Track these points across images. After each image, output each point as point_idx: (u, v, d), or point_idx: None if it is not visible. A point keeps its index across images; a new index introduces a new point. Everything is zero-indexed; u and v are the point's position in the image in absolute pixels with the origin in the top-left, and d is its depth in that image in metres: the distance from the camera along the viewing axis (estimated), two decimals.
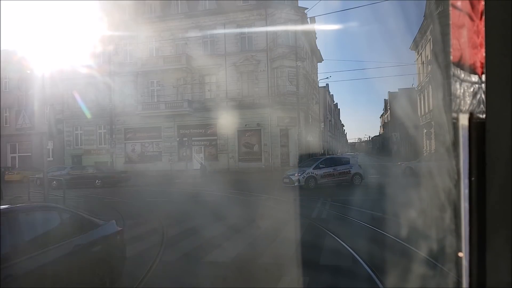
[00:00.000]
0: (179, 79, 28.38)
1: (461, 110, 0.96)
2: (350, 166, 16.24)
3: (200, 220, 9.02)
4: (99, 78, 26.73)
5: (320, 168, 15.61)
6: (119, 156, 28.66)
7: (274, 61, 26.86)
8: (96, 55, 26.99)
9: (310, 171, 15.36)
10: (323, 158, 17.64)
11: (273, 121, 26.93)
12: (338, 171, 15.76)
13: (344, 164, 16.23)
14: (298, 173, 15.46)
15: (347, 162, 16.50)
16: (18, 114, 30.42)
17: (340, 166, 16.00)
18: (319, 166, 15.68)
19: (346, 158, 17.45)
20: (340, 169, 15.86)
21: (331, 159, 17.04)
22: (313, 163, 16.18)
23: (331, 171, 15.66)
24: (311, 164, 16.18)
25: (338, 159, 17.43)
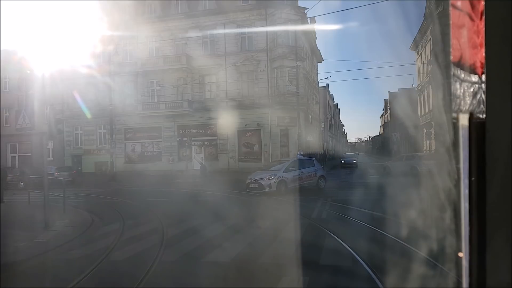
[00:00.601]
0: (179, 79, 28.38)
1: (461, 110, 0.96)
2: (316, 169, 15.29)
3: (200, 220, 9.02)
4: (99, 78, 26.72)
5: (290, 171, 14.19)
6: (119, 156, 28.65)
7: (274, 61, 26.86)
8: (96, 55, 26.96)
9: (281, 175, 13.80)
10: (292, 160, 15.96)
11: (273, 121, 26.93)
12: (305, 174, 14.63)
13: (310, 167, 15.18)
14: (269, 176, 13.76)
15: (313, 165, 15.48)
16: (18, 114, 30.14)
17: (307, 169, 14.90)
18: (289, 169, 14.22)
19: (310, 160, 16.17)
20: (307, 172, 14.78)
21: (299, 162, 15.42)
22: (281, 166, 14.75)
23: (300, 174, 14.38)
24: (279, 167, 14.66)
25: (304, 161, 15.84)
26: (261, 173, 14.59)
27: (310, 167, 15.15)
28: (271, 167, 15.41)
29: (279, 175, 13.80)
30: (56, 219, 8.87)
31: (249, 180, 14.23)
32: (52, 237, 7.46)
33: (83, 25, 20.58)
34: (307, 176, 14.63)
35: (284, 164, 14.72)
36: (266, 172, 14.49)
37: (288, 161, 15.39)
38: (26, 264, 5.85)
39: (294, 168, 14.30)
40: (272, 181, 13.56)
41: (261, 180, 13.76)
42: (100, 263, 5.71)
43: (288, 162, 15.08)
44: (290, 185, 13.79)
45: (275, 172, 14.03)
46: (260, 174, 14.47)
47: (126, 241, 7.24)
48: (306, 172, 14.68)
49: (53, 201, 10.17)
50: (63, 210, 10.17)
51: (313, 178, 14.88)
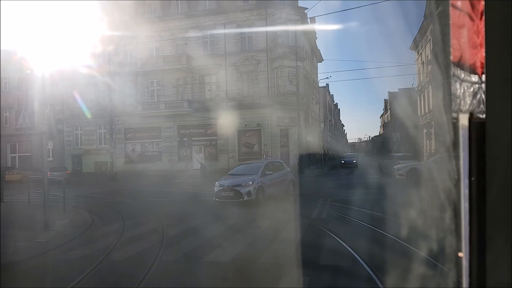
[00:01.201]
0: (179, 79, 28.39)
1: (461, 110, 0.96)
2: (286, 172, 13.63)
3: (200, 220, 9.03)
4: (99, 78, 26.72)
5: (266, 175, 12.09)
6: (119, 156, 28.65)
7: (274, 61, 26.87)
8: (96, 55, 26.96)
9: (259, 180, 11.60)
10: (266, 162, 13.81)
11: (273, 121, 26.94)
12: (279, 178, 12.87)
13: (282, 170, 13.54)
14: (247, 182, 11.41)
15: (283, 167, 13.82)
16: (18, 114, 30.19)
17: (279, 173, 13.14)
18: (265, 173, 12.08)
19: (280, 163, 14.52)
20: (280, 176, 13.01)
21: (272, 164, 13.61)
22: (253, 168, 12.68)
23: (275, 178, 12.58)
24: (253, 169, 12.46)
25: (274, 163, 14.07)
26: (233, 178, 12.02)
27: (281, 170, 13.43)
28: (240, 170, 13.07)
29: (258, 181, 11.55)
30: (56, 219, 8.87)
31: (220, 187, 11.56)
32: (52, 237, 7.47)
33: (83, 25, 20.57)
34: (280, 180, 12.87)
35: (258, 166, 12.57)
36: (239, 177, 11.96)
37: (262, 163, 13.20)
38: (26, 264, 5.85)
39: (270, 172, 12.41)
40: (251, 187, 11.20)
41: (238, 186, 11.31)
42: (100, 263, 5.71)
43: (262, 164, 12.94)
44: (267, 191, 11.83)
45: (252, 177, 11.67)
46: (233, 180, 11.85)
47: (126, 241, 7.24)
48: (279, 176, 12.91)
49: (53, 201, 10.17)
50: (63, 210, 10.17)
51: (284, 183, 13.07)
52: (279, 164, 14.08)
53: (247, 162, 16.66)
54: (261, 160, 19.08)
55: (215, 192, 11.60)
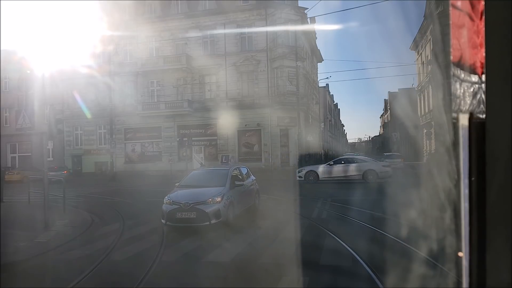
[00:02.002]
0: (179, 79, 28.39)
1: (461, 110, 0.96)
2: (253, 181, 10.56)
3: None
4: (99, 78, 26.74)
5: (235, 186, 8.90)
6: (119, 156, 28.66)
7: (274, 61, 26.87)
8: (96, 55, 26.99)
9: (229, 195, 8.34)
10: (233, 167, 10.16)
11: (273, 121, 26.94)
12: (248, 190, 10.03)
13: (248, 178, 10.48)
14: (213, 198, 7.95)
15: (250, 174, 10.82)
16: (18, 114, 30.24)
17: (248, 182, 10.20)
18: (234, 184, 8.91)
19: (245, 168, 11.12)
20: (249, 187, 10.09)
21: (239, 170, 10.29)
22: (220, 178, 8.92)
23: (245, 191, 9.70)
24: (217, 180, 8.86)
25: (242, 170, 10.63)
26: (191, 191, 8.47)
27: (247, 178, 10.32)
28: (198, 179, 9.39)
29: (228, 196, 8.27)
30: (56, 219, 8.87)
31: (172, 207, 7.92)
32: (52, 237, 7.47)
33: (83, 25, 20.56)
34: (249, 192, 9.90)
35: (224, 174, 9.11)
36: (200, 190, 8.43)
37: (227, 169, 9.56)
38: (26, 264, 5.85)
39: (239, 182, 9.27)
40: (220, 205, 7.91)
41: (202, 204, 7.81)
42: (100, 263, 5.71)
43: (229, 171, 9.33)
44: (237, 209, 8.67)
45: (219, 190, 8.28)
46: (192, 194, 8.28)
47: (126, 241, 7.24)
48: (248, 187, 9.93)
49: (53, 201, 10.17)
50: (63, 210, 10.17)
51: (252, 195, 10.08)
52: (245, 171, 10.77)
53: (206, 167, 12.44)
54: (222, 165, 16.37)
55: (165, 213, 7.91)
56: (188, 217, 7.84)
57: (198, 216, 7.78)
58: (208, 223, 7.76)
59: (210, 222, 7.76)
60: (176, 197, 8.32)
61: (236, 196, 8.72)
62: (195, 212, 7.80)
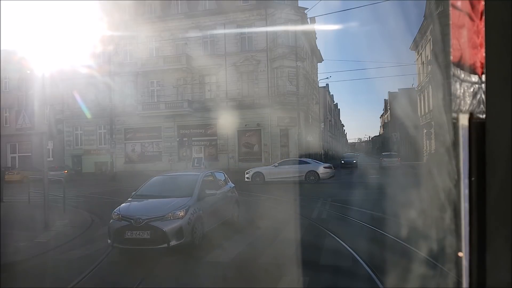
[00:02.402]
0: (179, 79, 28.39)
1: (461, 110, 0.96)
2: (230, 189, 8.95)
3: None
4: (99, 78, 26.74)
5: (205, 196, 7.26)
6: (119, 156, 28.66)
7: (274, 61, 26.87)
8: (96, 55, 26.99)
9: (196, 207, 6.74)
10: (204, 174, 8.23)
11: (273, 121, 26.94)
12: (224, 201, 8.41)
13: (225, 185, 8.91)
14: (173, 212, 6.33)
15: (227, 181, 9.12)
16: (18, 114, 30.23)
17: (224, 191, 8.65)
18: (204, 193, 7.20)
19: (220, 174, 9.32)
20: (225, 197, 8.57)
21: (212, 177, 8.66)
22: (187, 186, 7.33)
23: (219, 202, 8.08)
24: (182, 188, 7.29)
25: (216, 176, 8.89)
26: (147, 203, 7.03)
27: (223, 186, 8.67)
28: (158, 188, 7.75)
29: (195, 208, 6.66)
30: (56, 219, 8.87)
31: (121, 224, 6.28)
32: (52, 237, 7.47)
33: (83, 25, 20.57)
34: (225, 204, 8.27)
35: (192, 181, 7.50)
36: (159, 201, 6.90)
37: (197, 175, 7.83)
38: (26, 264, 5.85)
39: (212, 191, 7.54)
40: (183, 221, 6.26)
41: (159, 220, 6.19)
42: (100, 263, 5.71)
43: (198, 177, 7.63)
44: (207, 224, 7.06)
45: (183, 201, 6.67)
46: (147, 206, 6.84)
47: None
48: (223, 198, 8.33)
49: (53, 201, 10.17)
50: (63, 210, 10.17)
51: (229, 206, 8.48)
52: (221, 177, 9.06)
53: (171, 172, 10.19)
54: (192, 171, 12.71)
55: (112, 231, 6.30)
56: (140, 238, 6.05)
57: (153, 236, 6.03)
58: (167, 245, 6.00)
59: (169, 244, 6.00)
60: (127, 210, 6.59)
61: (206, 208, 7.02)
62: (150, 230, 6.04)
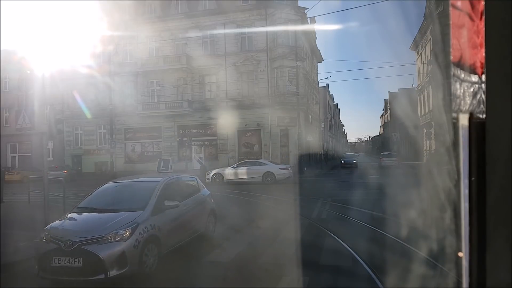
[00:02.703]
0: (179, 79, 28.39)
1: (461, 110, 0.96)
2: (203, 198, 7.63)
3: None
4: (99, 78, 26.74)
5: (165, 209, 5.91)
6: (119, 156, 28.67)
7: (274, 61, 26.87)
8: (96, 55, 26.99)
9: (149, 223, 5.41)
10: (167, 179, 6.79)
11: (273, 121, 26.93)
12: (193, 212, 7.04)
13: (194, 194, 7.37)
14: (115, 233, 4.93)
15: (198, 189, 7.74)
16: (18, 114, 30.42)
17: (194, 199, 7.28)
18: (162, 205, 5.88)
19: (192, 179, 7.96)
20: (192, 206, 7.09)
21: (177, 184, 7.23)
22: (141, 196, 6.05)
23: (186, 214, 6.65)
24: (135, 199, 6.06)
25: (180, 183, 7.45)
26: (86, 219, 5.73)
27: (193, 195, 7.25)
28: (107, 199, 6.37)
29: (146, 225, 5.36)
30: (56, 219, 8.85)
31: (50, 246, 4.92)
32: None
33: (83, 25, 20.57)
34: (194, 215, 6.83)
35: (150, 188, 6.19)
36: (101, 216, 5.58)
37: (157, 181, 6.47)
38: (26, 264, 5.84)
39: (172, 203, 6.07)
40: (128, 243, 4.95)
41: (95, 243, 4.83)
42: None
43: (158, 184, 6.29)
44: (165, 245, 5.69)
45: (132, 216, 5.36)
46: (84, 223, 5.61)
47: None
48: (192, 208, 6.87)
49: (53, 201, 10.16)
50: (63, 210, 10.15)
51: (201, 218, 7.08)
52: (191, 184, 7.67)
53: (128, 178, 8.42)
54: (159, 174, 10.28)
55: (37, 257, 5.07)
56: (69, 266, 4.68)
57: (86, 265, 4.67)
58: (104, 277, 4.65)
59: (107, 275, 4.66)
60: (57, 229, 5.20)
61: (165, 224, 5.55)
62: (81, 257, 4.68)
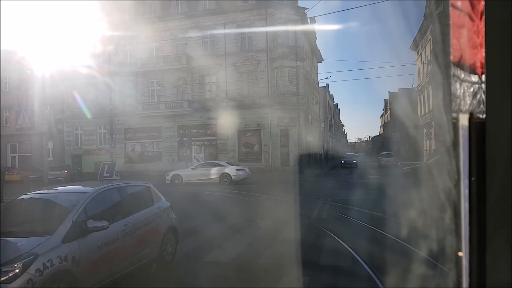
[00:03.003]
0: (179, 79, 28.38)
1: (461, 110, 0.96)
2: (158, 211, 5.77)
3: (200, 220, 9.02)
4: (99, 78, 26.73)
5: (87, 234, 4.06)
6: (119, 156, 28.65)
7: (274, 61, 26.86)
8: (96, 55, 26.98)
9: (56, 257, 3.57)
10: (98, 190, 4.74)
11: (273, 121, 26.93)
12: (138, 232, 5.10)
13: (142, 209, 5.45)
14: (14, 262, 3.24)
15: (151, 202, 5.81)
16: (18, 114, 30.39)
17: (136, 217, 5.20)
18: (85, 228, 4.03)
19: (146, 188, 6.12)
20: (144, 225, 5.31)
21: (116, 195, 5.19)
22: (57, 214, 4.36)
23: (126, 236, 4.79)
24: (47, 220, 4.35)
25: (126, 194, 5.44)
26: None
27: (142, 208, 5.46)
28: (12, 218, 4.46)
29: (52, 257, 3.50)
30: None
31: None
32: None
33: (83, 25, 20.57)
34: (137, 236, 5.00)
35: (71, 203, 4.33)
36: None
37: (85, 192, 4.63)
38: None
39: (99, 224, 4.13)
40: (14, 285, 3.10)
41: None
42: None
43: (82, 196, 4.43)
44: (84, 282, 3.91)
45: (26, 246, 3.49)
46: None
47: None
48: (134, 226, 4.97)
49: None
50: None
51: (151, 238, 5.39)
52: (141, 194, 5.86)
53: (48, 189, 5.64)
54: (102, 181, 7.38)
55: None
56: None
57: None
58: None
59: None
60: None
61: (86, 254, 4.00)
62: None
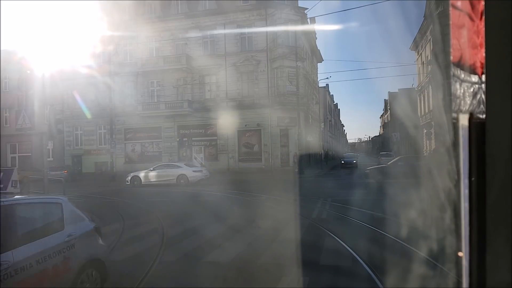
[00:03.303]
0: (179, 79, 28.38)
1: (461, 110, 0.96)
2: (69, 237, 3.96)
3: (200, 220, 9.03)
4: (99, 78, 26.73)
5: None
6: (119, 156, 28.66)
7: (274, 61, 26.86)
8: (96, 55, 26.99)
9: None
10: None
11: (273, 121, 26.92)
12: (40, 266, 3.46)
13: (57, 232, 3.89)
14: None
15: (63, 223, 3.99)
16: (18, 114, 30.23)
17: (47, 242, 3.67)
18: None
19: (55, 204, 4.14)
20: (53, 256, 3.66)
21: None
22: None
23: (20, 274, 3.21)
24: None
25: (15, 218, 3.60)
26: None
27: (40, 237, 3.63)
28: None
29: None
30: None
31: None
32: None
33: (83, 25, 20.57)
34: (26, 277, 3.20)
35: None
36: None
37: None
38: None
39: None
40: None
41: None
42: None
43: None
44: None
45: None
46: None
47: (126, 241, 7.25)
48: (18, 268, 3.13)
49: None
50: None
51: (57, 279, 3.60)
52: (42, 214, 4.04)
53: None
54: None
55: None
56: None
57: None
58: None
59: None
60: None
61: None
62: None
